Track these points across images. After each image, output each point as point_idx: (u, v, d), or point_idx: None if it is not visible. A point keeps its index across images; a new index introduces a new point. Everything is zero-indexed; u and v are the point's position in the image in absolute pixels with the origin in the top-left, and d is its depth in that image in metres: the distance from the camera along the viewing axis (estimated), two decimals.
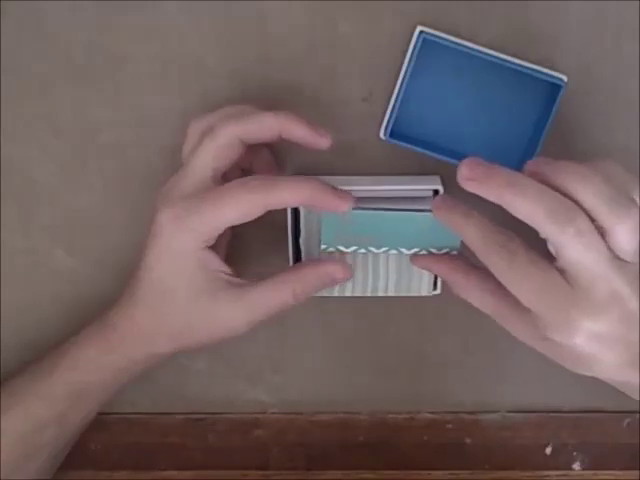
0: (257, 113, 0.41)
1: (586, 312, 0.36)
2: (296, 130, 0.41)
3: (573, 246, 0.36)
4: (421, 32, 0.44)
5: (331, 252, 0.44)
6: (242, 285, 0.42)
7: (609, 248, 0.36)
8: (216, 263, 0.41)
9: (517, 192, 0.36)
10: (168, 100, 0.47)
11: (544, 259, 0.37)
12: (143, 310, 0.43)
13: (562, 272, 0.36)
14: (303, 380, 0.52)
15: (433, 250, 0.44)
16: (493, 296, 0.41)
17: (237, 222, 0.40)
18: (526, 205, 0.36)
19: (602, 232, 0.36)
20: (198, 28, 0.46)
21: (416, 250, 0.44)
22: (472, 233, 0.39)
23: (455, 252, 0.44)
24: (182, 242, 0.40)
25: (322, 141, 0.41)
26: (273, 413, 0.53)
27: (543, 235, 0.37)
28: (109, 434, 0.52)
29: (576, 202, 0.36)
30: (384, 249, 0.44)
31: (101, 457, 0.52)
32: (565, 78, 0.44)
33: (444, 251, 0.44)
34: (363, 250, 0.44)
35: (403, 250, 0.44)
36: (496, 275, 0.38)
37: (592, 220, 0.36)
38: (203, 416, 0.52)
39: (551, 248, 0.38)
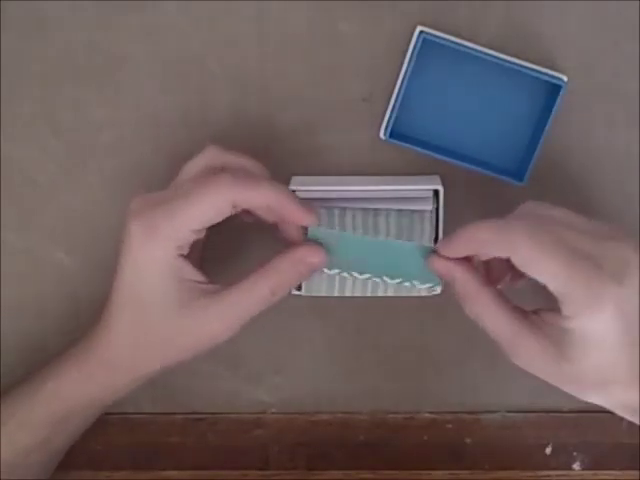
0: (259, 184, 0.40)
1: (610, 277, 0.36)
2: (289, 215, 0.41)
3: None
4: (421, 32, 0.44)
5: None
6: (217, 291, 0.40)
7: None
8: (189, 272, 0.40)
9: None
10: (168, 100, 0.47)
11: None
12: (120, 334, 0.42)
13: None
14: (303, 380, 0.52)
15: (416, 283, 0.44)
16: (510, 313, 0.39)
17: (208, 223, 0.39)
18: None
19: None
20: (198, 28, 0.46)
21: (398, 281, 0.44)
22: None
23: (437, 288, 0.44)
24: (154, 251, 0.39)
25: (310, 218, 0.41)
26: (273, 413, 0.53)
27: None
28: (109, 434, 0.52)
29: None
30: (366, 276, 0.44)
31: (101, 457, 0.52)
32: (565, 78, 0.44)
33: (427, 286, 0.44)
34: (345, 274, 0.44)
35: (386, 279, 0.44)
36: (522, 256, 0.37)
37: None
38: (203, 416, 0.52)
39: None
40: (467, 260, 0.41)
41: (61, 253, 0.49)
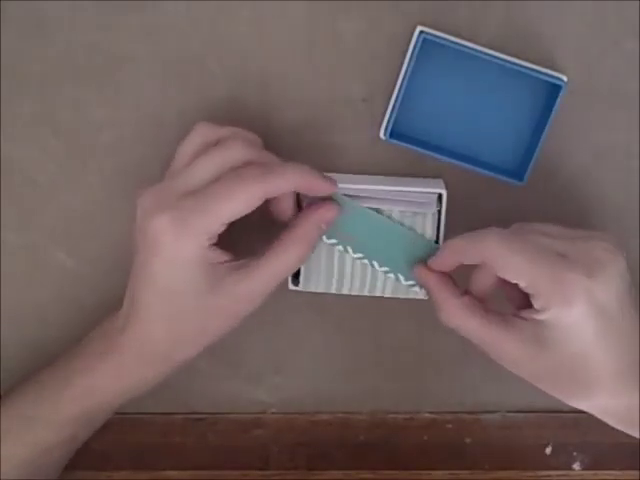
0: (280, 168, 0.41)
1: (582, 269, 0.37)
2: (313, 189, 0.42)
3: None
4: (421, 32, 0.44)
5: None
6: (244, 265, 0.41)
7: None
8: (218, 256, 0.41)
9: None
10: (168, 100, 0.47)
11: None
12: (156, 326, 0.41)
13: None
14: (303, 380, 0.52)
15: (401, 277, 0.44)
16: (485, 319, 0.41)
17: (238, 216, 0.40)
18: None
19: None
20: (198, 28, 0.46)
21: (386, 269, 0.44)
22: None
23: (418, 289, 0.45)
24: (187, 246, 0.39)
25: (333, 186, 0.42)
26: (273, 413, 0.53)
27: None
28: (109, 434, 0.52)
29: None
30: (358, 255, 0.44)
31: (101, 457, 0.52)
32: (565, 78, 0.44)
33: (409, 283, 0.45)
34: (340, 247, 0.44)
35: (375, 264, 0.44)
36: (491, 257, 0.39)
37: None
38: (203, 416, 0.52)
39: None
40: (445, 273, 0.43)
41: (61, 253, 0.49)
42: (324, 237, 0.44)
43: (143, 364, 0.43)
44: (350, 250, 0.44)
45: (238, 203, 0.39)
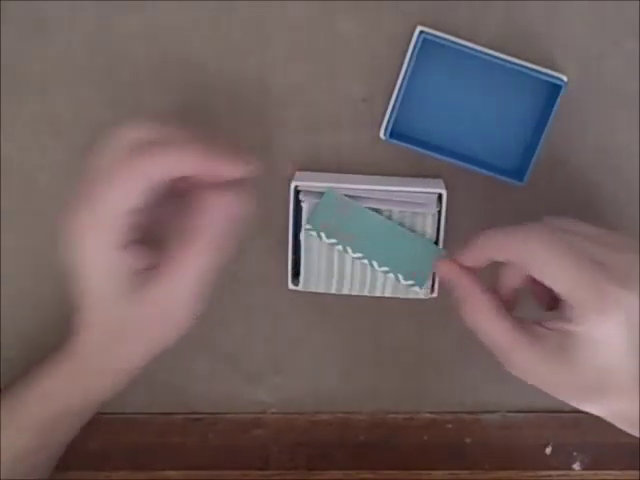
0: (171, 147, 0.37)
1: (619, 281, 0.36)
2: (215, 168, 0.38)
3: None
4: (421, 32, 0.44)
5: (311, 234, 0.44)
6: (159, 271, 0.39)
7: None
8: (133, 262, 0.39)
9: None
10: (168, 100, 0.47)
11: None
12: (88, 339, 0.41)
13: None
14: (303, 380, 0.52)
15: (400, 277, 0.44)
16: (509, 323, 0.39)
17: (135, 204, 0.37)
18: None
19: None
20: (198, 28, 0.46)
21: (385, 269, 0.44)
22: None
23: (418, 289, 0.45)
24: (89, 251, 0.38)
25: (238, 168, 0.38)
26: (273, 413, 0.53)
27: None
28: (109, 434, 0.52)
29: None
30: (358, 255, 0.44)
31: (100, 457, 0.52)
32: (565, 78, 0.44)
33: (409, 282, 0.45)
34: (340, 247, 0.44)
35: (374, 264, 0.44)
36: (531, 259, 0.37)
37: None
38: (203, 416, 0.52)
39: None
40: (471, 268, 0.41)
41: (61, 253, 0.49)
42: (324, 236, 0.44)
43: (88, 372, 0.43)
44: (350, 250, 0.44)
45: (124, 187, 0.36)
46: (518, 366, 0.39)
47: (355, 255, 0.44)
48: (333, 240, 0.44)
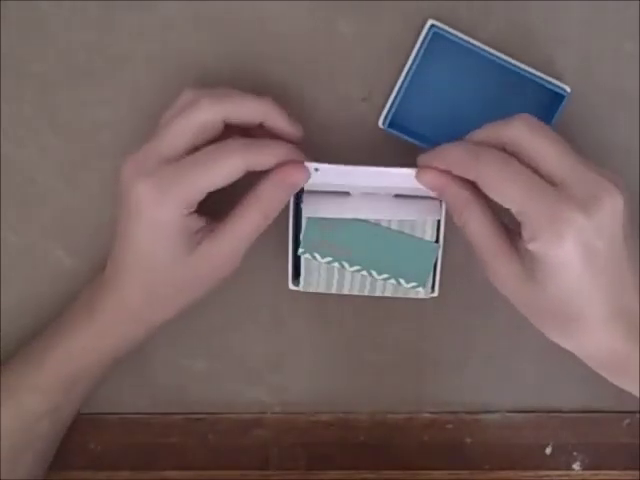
0: (242, 96, 0.41)
1: (576, 204, 0.36)
2: (277, 120, 0.42)
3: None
4: (432, 26, 0.44)
5: (307, 258, 0.44)
6: (214, 228, 0.42)
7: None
8: (196, 223, 0.41)
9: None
10: (168, 100, 0.47)
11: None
12: (134, 288, 0.43)
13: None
14: (303, 380, 0.52)
15: (401, 281, 0.44)
16: (496, 228, 0.40)
17: (219, 186, 0.40)
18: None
19: None
20: (198, 28, 0.46)
21: (385, 276, 0.44)
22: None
23: (421, 290, 0.44)
24: (166, 213, 0.40)
25: (297, 135, 0.43)
26: (273, 413, 0.53)
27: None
28: (109, 434, 0.52)
29: None
30: (356, 268, 0.44)
31: (101, 457, 0.52)
32: (568, 89, 0.44)
33: (411, 285, 0.44)
34: (336, 264, 0.44)
35: (373, 273, 0.44)
36: (485, 182, 0.38)
37: None
38: (203, 416, 0.52)
39: None
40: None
41: (60, 251, 0.49)
42: (318, 257, 0.44)
43: (122, 323, 0.44)
44: (347, 265, 0.44)
45: (218, 175, 0.39)
46: (497, 276, 0.40)
47: (353, 269, 0.44)
48: (329, 258, 0.44)
